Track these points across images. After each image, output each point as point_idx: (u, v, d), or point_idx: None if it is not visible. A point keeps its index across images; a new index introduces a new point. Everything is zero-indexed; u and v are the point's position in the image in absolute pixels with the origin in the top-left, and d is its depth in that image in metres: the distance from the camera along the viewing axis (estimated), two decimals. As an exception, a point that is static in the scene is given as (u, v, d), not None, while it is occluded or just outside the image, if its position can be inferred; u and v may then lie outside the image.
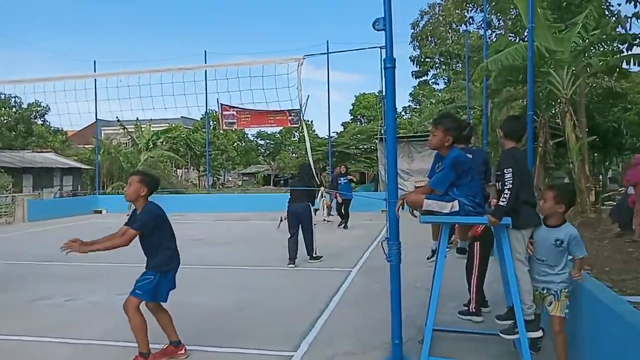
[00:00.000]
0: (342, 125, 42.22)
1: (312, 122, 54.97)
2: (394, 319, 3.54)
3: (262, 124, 18.39)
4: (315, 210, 8.06)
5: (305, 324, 4.48)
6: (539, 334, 3.31)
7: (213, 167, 41.36)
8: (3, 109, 34.32)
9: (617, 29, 9.75)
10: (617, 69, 10.81)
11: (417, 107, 40.34)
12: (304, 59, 3.58)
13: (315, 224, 7.77)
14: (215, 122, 35.49)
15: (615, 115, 20.14)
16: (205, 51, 19.09)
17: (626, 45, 10.40)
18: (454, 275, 4.60)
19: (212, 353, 3.89)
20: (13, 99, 34.64)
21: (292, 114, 16.60)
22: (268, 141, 53.42)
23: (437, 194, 3.38)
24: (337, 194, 12.17)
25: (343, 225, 12.36)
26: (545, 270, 3.31)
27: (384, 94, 3.49)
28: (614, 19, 10.12)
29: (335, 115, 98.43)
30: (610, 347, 2.68)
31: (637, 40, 9.92)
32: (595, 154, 24.99)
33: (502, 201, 3.25)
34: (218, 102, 17.04)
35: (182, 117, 37.63)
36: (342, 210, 12.49)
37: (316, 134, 48.09)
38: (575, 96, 12.14)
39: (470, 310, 4.39)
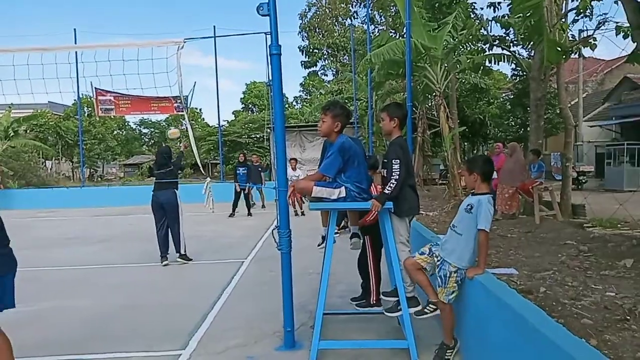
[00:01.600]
0: (233, 114, 41.34)
1: (200, 110, 53.07)
2: (286, 306, 3.55)
3: (144, 111, 17.13)
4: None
5: (194, 320, 4.29)
6: (419, 308, 3.55)
7: (89, 158, 37.71)
8: None
9: (481, 30, 10.86)
10: (482, 67, 12.07)
11: (308, 97, 41.06)
12: (184, 42, 3.35)
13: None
14: (90, 109, 32.33)
15: (480, 108, 22.64)
16: (75, 29, 17.29)
17: (488, 45, 11.69)
18: (343, 258, 4.75)
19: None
20: None
21: (178, 101, 15.74)
22: (152, 129, 50.32)
23: (326, 180, 3.44)
24: (237, 185, 12.03)
25: (247, 213, 12.39)
26: (451, 241, 3.29)
27: (270, 81, 3.44)
28: (477, 21, 11.25)
29: (227, 103, 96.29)
30: (478, 312, 2.99)
31: (497, 41, 11.18)
32: (466, 143, 27.87)
33: (388, 189, 3.41)
34: (92, 87, 15.48)
35: (49, 102, 33.63)
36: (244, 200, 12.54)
37: (206, 123, 46.50)
38: (448, 90, 13.35)
39: (372, 302, 4.21)
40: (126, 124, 46.67)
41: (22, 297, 5.24)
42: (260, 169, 13.82)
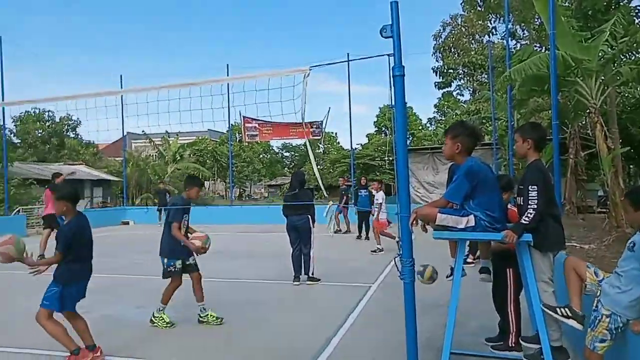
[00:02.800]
0: (366, 137, 42.07)
1: (336, 134, 55.07)
2: (409, 342, 3.36)
3: (284, 136, 18.45)
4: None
5: (319, 343, 4.34)
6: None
7: (239, 179, 41.88)
8: (37, 122, 35.61)
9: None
10: (649, 78, 10.35)
11: (442, 118, 39.85)
12: (310, 70, 3.49)
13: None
14: (240, 135, 36.02)
15: (649, 125, 19.33)
16: (227, 65, 19.45)
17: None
18: (478, 292, 4.38)
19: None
20: (46, 113, 35.91)
21: (314, 127, 16.61)
22: (293, 153, 53.72)
23: (452, 207, 3.22)
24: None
25: (365, 237, 12.26)
26: (611, 280, 2.82)
27: (393, 104, 3.37)
28: (643, 25, 9.76)
29: (360, 127, 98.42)
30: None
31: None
32: (631, 166, 24.02)
33: (525, 219, 3.07)
34: (241, 115, 17.22)
35: (209, 129, 38.25)
36: (363, 224, 12.40)
37: (340, 146, 48.08)
38: (606, 106, 11.69)
39: (510, 344, 3.77)
40: (270, 148, 50.68)
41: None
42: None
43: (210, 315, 5.02)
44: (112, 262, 9.40)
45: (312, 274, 7.18)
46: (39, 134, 35.86)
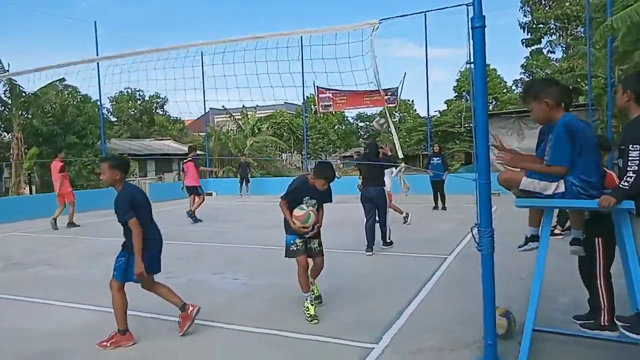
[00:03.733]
0: (445, 103, 40.19)
1: (412, 101, 53.35)
2: (487, 316, 3.14)
3: (358, 105, 18.12)
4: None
5: (390, 315, 4.23)
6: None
7: (314, 151, 42.32)
8: (130, 102, 38.42)
9: None
10: None
11: (531, 79, 36.83)
12: (379, 23, 3.25)
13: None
14: (315, 107, 36.15)
15: None
16: (301, 37, 19.30)
17: None
18: (566, 266, 3.99)
19: (292, 339, 3.84)
20: (137, 93, 38.52)
21: (389, 94, 16.09)
22: (368, 123, 53.05)
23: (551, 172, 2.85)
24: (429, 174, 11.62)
25: (441, 207, 11.81)
26: None
27: (471, 59, 3.05)
28: None
29: (439, 93, 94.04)
30: None
31: None
32: None
33: (625, 183, 2.67)
34: (314, 86, 17.15)
35: (285, 102, 38.87)
36: (437, 194, 11.91)
37: (417, 114, 46.55)
38: None
39: (603, 323, 3.30)
40: (345, 118, 50.44)
41: (254, 272, 6.06)
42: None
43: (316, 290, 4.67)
44: (197, 230, 9.98)
45: (389, 239, 7.29)
46: (132, 112, 38.71)
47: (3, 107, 20.10)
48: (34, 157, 19.31)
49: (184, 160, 11.99)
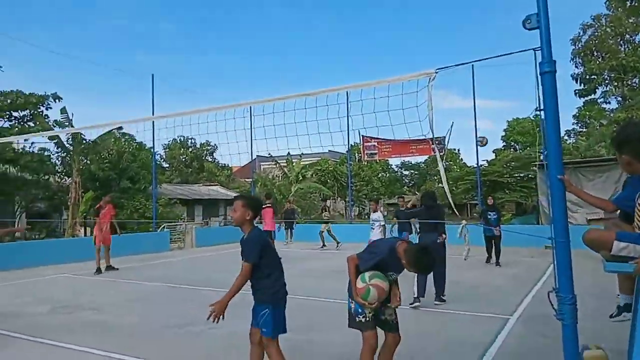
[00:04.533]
0: (493, 152, 39.22)
1: (458, 150, 52.53)
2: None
3: (404, 154, 17.90)
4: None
5: (450, 385, 3.76)
6: None
7: (358, 198, 42.02)
8: (182, 149, 40.08)
9: None
10: None
11: (583, 130, 35.52)
12: (436, 72, 3.07)
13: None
14: (360, 155, 36.25)
15: None
16: (347, 92, 19.63)
17: None
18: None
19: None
20: (189, 140, 40.20)
21: (436, 142, 15.80)
22: (412, 171, 52.46)
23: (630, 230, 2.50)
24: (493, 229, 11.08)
25: (495, 262, 11.09)
26: None
27: (541, 107, 2.78)
28: None
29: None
30: None
31: None
32: None
33: None
34: (359, 135, 17.16)
35: (329, 150, 39.28)
36: (493, 245, 11.27)
37: (463, 163, 45.63)
38: None
39: None
40: (389, 166, 50.16)
41: (295, 326, 5.76)
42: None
43: None
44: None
45: (444, 294, 6.84)
46: (183, 159, 40.28)
47: (66, 154, 21.36)
48: (89, 200, 20.16)
49: (263, 206, 12.14)
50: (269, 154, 29.31)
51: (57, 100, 20.29)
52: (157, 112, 18.29)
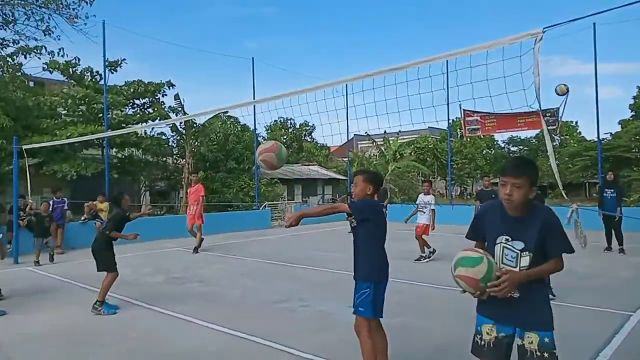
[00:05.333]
0: (619, 123, 34.63)
1: (575, 123, 47.47)
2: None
3: (510, 129, 16.51)
4: None
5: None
6: None
7: (460, 177, 40.19)
8: (282, 129, 41.56)
9: None
10: None
11: None
12: (543, 32, 2.68)
13: None
14: (461, 131, 34.50)
15: None
16: (446, 62, 18.60)
17: None
18: None
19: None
20: (289, 121, 41.50)
21: (547, 115, 14.32)
22: (522, 147, 48.60)
23: None
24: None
25: (618, 249, 9.82)
26: None
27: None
28: None
29: (610, 113, 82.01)
30: None
31: None
32: None
33: None
34: (460, 109, 16.21)
35: (429, 127, 37.96)
36: (613, 230, 9.96)
37: (582, 137, 41.14)
38: None
39: None
40: (495, 142, 47.06)
41: (387, 309, 5.67)
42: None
43: None
44: (335, 257, 9.95)
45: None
46: (283, 139, 41.80)
47: (179, 137, 23.31)
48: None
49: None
50: (366, 132, 29.14)
51: (170, 88, 22.06)
52: (259, 95, 19.03)
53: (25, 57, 17.01)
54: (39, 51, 17.14)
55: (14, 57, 16.86)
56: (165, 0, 79.83)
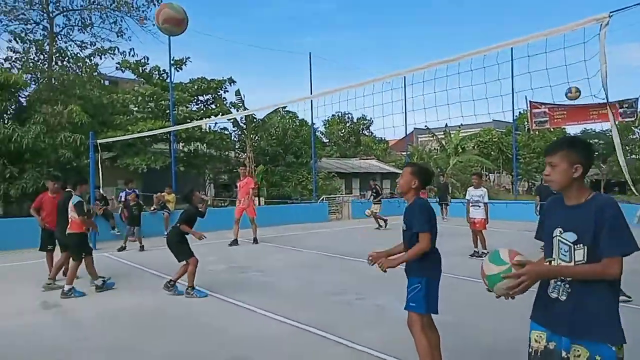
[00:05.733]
0: None
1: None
2: None
3: (582, 121, 15.43)
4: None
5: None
6: None
7: (527, 172, 38.17)
8: (340, 124, 41.61)
9: None
10: None
11: None
12: (610, 17, 2.50)
13: None
14: (527, 123, 32.77)
15: None
16: (512, 49, 17.73)
17: None
18: None
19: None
20: (347, 116, 41.46)
21: (625, 106, 13.26)
22: (597, 141, 45.33)
23: None
24: None
25: None
26: None
27: None
28: None
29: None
30: None
31: None
32: None
33: None
34: (527, 100, 15.40)
35: (493, 120, 36.40)
36: None
37: (669, 129, 37.64)
38: None
39: None
40: (566, 135, 44.31)
41: (446, 305, 5.56)
42: None
43: None
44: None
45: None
46: (341, 134, 41.84)
47: (240, 132, 24.08)
48: (261, 173, 22.47)
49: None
50: (426, 125, 28.49)
51: (232, 84, 22.84)
52: (316, 91, 19.15)
53: (101, 58, 18.37)
54: (112, 52, 18.43)
55: (91, 58, 18.23)
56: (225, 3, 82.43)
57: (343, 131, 41.90)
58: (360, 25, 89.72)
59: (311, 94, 18.15)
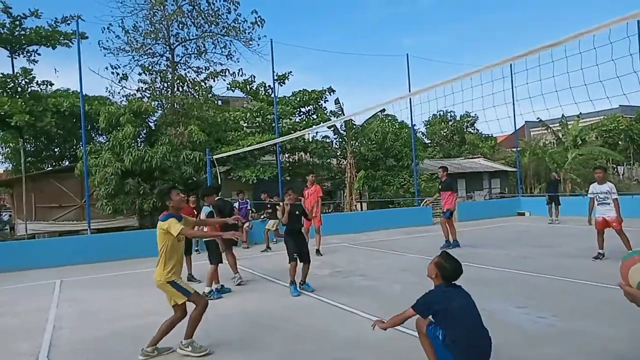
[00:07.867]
0: None
1: None
2: None
3: None
4: None
5: None
6: None
7: (665, 162, 33.30)
8: (442, 123, 40.27)
9: None
10: None
11: None
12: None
13: None
14: (663, 106, 28.56)
15: None
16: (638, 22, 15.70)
17: None
18: None
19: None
20: (449, 114, 39.98)
21: None
22: None
23: None
24: None
25: None
26: None
27: None
28: None
29: None
30: None
31: None
32: None
33: None
34: (658, 81, 13.51)
35: (620, 105, 32.42)
36: None
37: None
38: None
39: None
40: None
41: (563, 312, 5.23)
42: None
43: None
44: (496, 254, 9.38)
45: None
46: (444, 133, 40.43)
47: (341, 139, 24.58)
48: (362, 179, 22.68)
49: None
50: (538, 118, 26.40)
51: (331, 93, 23.47)
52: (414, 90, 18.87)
53: (214, 80, 20.18)
54: (224, 74, 20.15)
55: (206, 81, 20.15)
56: (320, 7, 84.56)
57: (445, 130, 40.48)
58: (458, 19, 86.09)
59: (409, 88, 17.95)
